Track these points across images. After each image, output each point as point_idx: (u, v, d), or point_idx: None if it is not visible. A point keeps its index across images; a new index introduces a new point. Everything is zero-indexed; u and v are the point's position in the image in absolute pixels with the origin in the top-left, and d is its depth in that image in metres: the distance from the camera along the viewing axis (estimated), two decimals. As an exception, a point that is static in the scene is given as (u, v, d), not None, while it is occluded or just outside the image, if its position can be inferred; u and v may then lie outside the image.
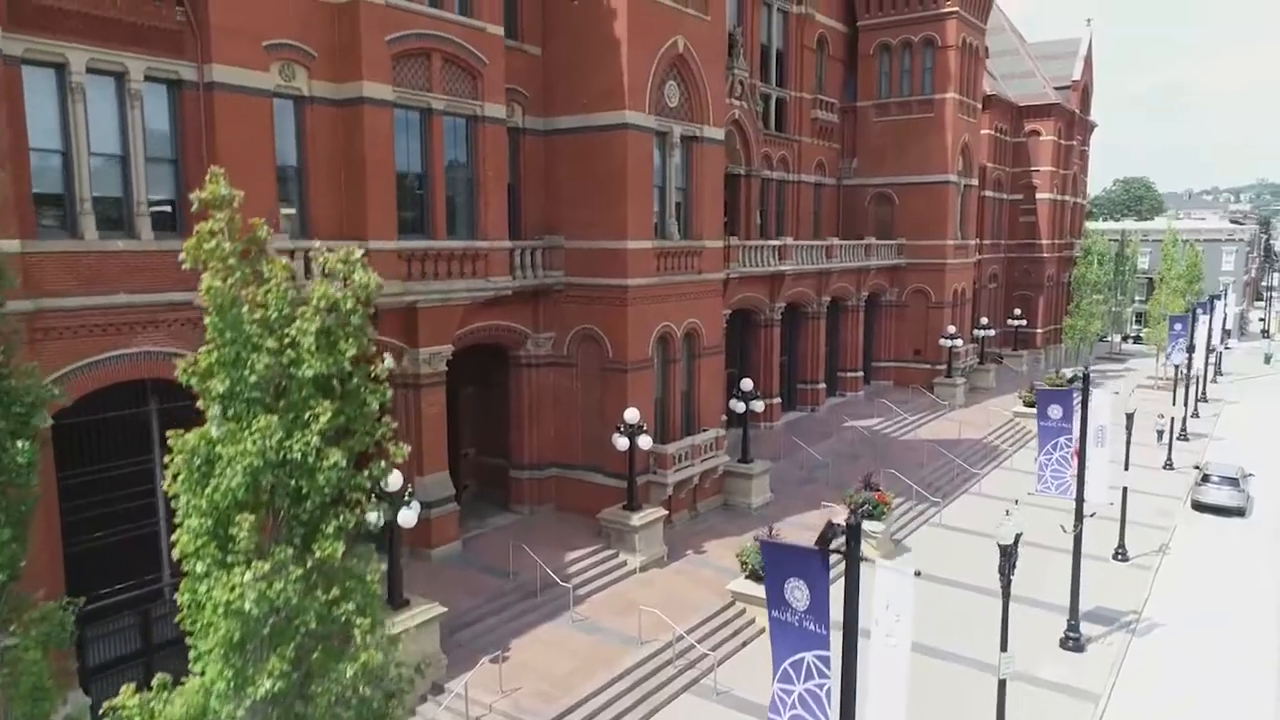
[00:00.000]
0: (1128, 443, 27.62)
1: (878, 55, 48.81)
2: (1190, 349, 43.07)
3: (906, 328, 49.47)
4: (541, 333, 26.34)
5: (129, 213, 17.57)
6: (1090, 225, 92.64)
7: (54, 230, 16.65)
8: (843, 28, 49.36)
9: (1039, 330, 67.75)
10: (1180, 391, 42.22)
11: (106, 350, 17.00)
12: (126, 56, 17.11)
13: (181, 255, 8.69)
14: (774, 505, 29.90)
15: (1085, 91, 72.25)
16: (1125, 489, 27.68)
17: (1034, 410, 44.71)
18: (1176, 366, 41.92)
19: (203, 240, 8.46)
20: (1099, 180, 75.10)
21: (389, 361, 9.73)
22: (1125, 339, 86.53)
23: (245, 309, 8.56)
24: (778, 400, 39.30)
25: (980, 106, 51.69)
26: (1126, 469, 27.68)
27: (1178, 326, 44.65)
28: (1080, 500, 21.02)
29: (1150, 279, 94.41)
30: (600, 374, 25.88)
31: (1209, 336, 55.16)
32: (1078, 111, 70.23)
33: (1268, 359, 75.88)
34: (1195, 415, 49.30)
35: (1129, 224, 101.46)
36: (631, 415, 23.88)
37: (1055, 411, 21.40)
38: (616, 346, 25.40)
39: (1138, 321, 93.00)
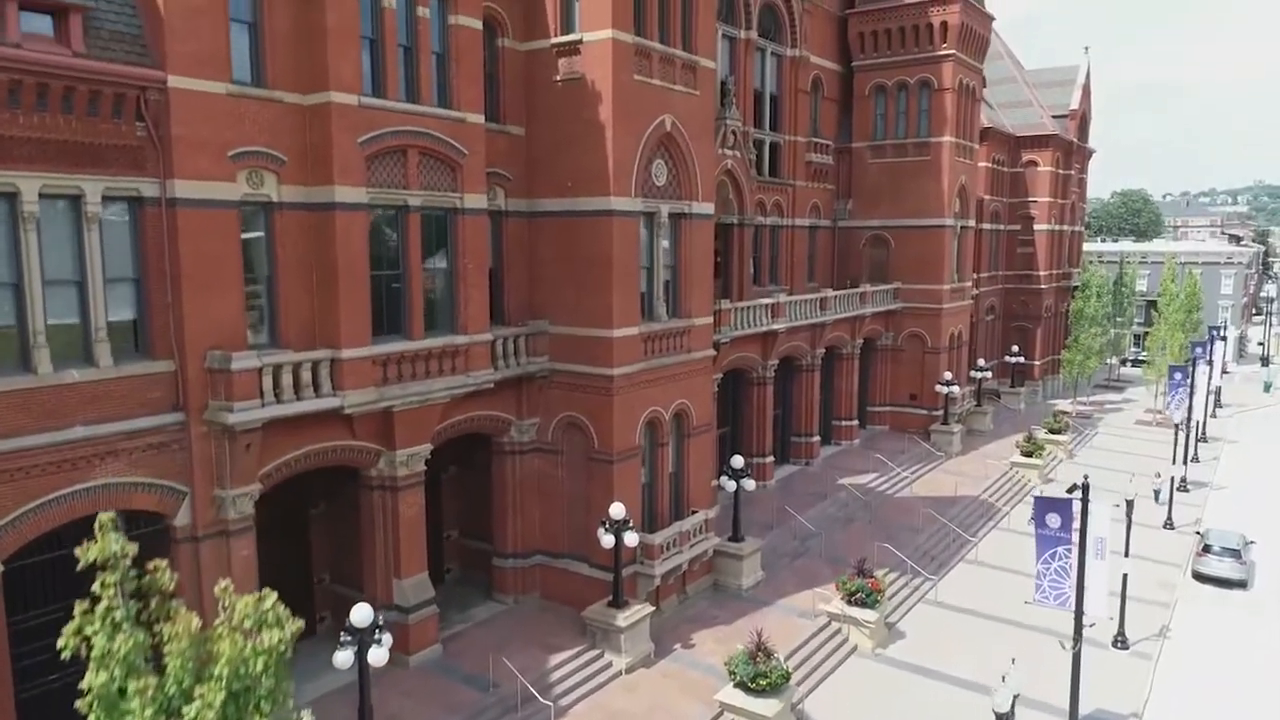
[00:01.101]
0: (1128, 527, 26.84)
1: (873, 96, 48.08)
2: (1190, 404, 42.26)
3: (902, 371, 48.74)
4: (525, 419, 25.59)
5: (87, 339, 16.81)
6: (1088, 247, 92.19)
7: (4, 366, 15.88)
8: (837, 67, 48.64)
9: (1037, 362, 67.06)
10: (1180, 445, 41.38)
11: (61, 488, 16.26)
12: (83, 179, 16.37)
13: (60, 642, 7.65)
14: (765, 585, 29.15)
15: (1083, 120, 71.59)
16: (1125, 575, 26.94)
17: (1031, 460, 44.60)
18: (1176, 425, 41.08)
19: (84, 623, 7.45)
20: (1094, 182, 73.99)
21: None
22: (1124, 362, 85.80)
23: (135, 702, 7.39)
24: (770, 459, 38.56)
25: (977, 146, 50.96)
26: (1127, 555, 26.91)
27: (1177, 376, 43.92)
28: (1079, 615, 20.29)
29: (1149, 301, 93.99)
30: (586, 463, 25.14)
31: (1209, 377, 54.45)
32: (1076, 140, 69.54)
33: (1267, 387, 75.23)
34: (1195, 459, 48.62)
35: (1127, 245, 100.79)
36: (617, 511, 23.14)
37: (1053, 520, 20.67)
38: (602, 436, 24.65)
39: (1136, 344, 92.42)
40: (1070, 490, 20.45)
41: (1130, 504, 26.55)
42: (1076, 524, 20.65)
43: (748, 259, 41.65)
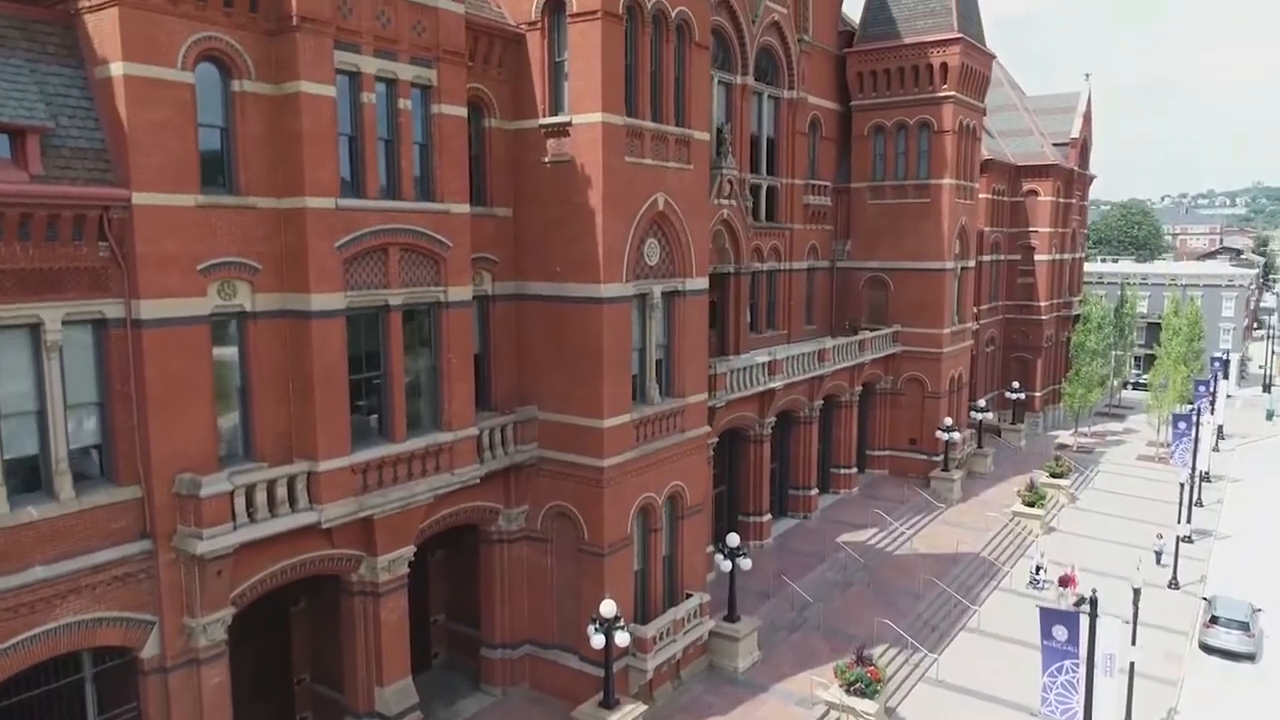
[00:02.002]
0: (1135, 616, 26.04)
1: (872, 137, 47.30)
2: (1195, 456, 41.50)
3: (902, 416, 47.94)
4: (514, 508, 24.79)
5: (47, 472, 15.99)
6: (1088, 267, 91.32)
7: (-43, 510, 15.07)
8: (835, 107, 47.85)
9: (1038, 394, 66.32)
10: (1184, 500, 40.62)
11: (19, 633, 15.44)
12: (41, 307, 15.55)
13: None
14: (762, 665, 28.34)
15: (1084, 147, 70.85)
16: (1132, 664, 26.13)
17: (1033, 511, 43.82)
18: (1181, 484, 40.25)
19: None
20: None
21: None
22: (1125, 385, 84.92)
23: None
24: (767, 518, 37.75)
25: (978, 186, 50.18)
26: (1134, 643, 26.09)
27: (1181, 425, 43.17)
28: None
29: (1150, 323, 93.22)
30: (575, 554, 24.33)
31: (1212, 415, 53.75)
32: (1076, 168, 68.79)
33: (1270, 415, 74.46)
34: (1198, 503, 47.82)
35: (1127, 265, 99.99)
36: (607, 609, 22.32)
37: (1060, 633, 19.90)
38: (593, 528, 23.85)
39: (1137, 365, 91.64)
40: (1078, 604, 19.68)
41: (1137, 593, 25.68)
42: (1084, 634, 19.92)
43: (744, 307, 40.86)
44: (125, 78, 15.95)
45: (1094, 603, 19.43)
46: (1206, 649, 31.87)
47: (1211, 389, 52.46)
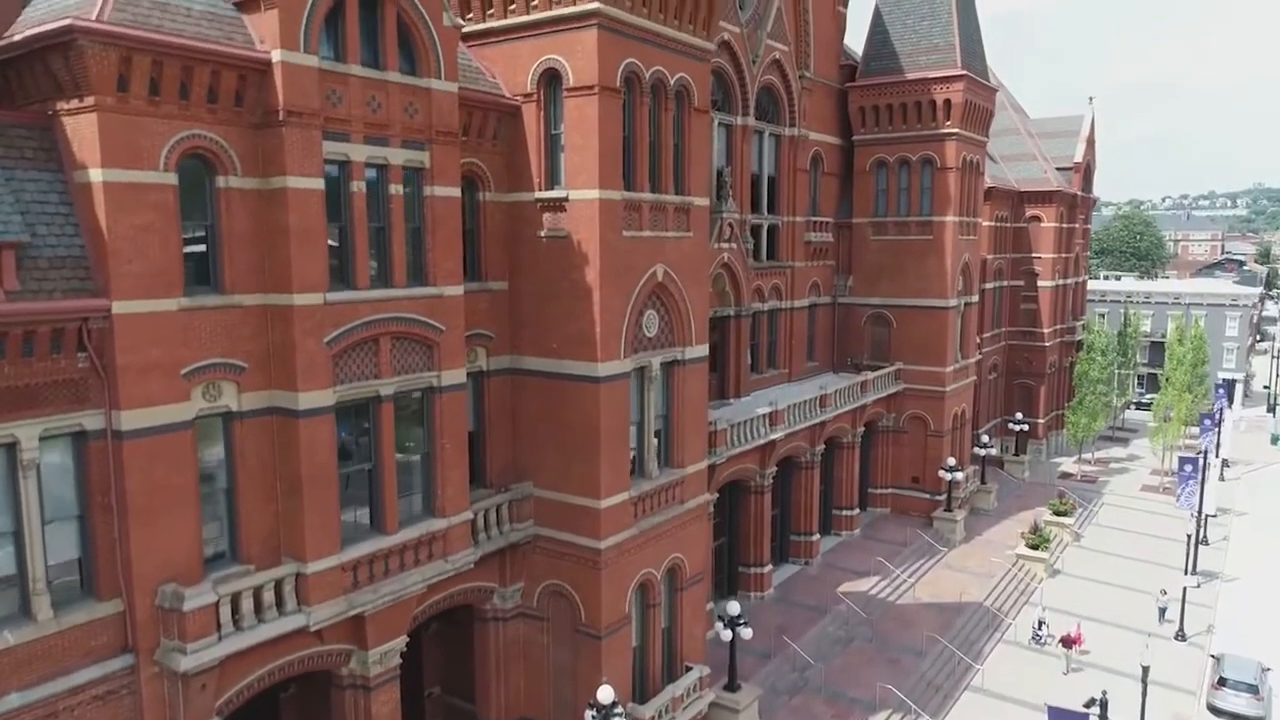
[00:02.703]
0: (1144, 694, 25.50)
1: (874, 172, 46.76)
2: (1200, 502, 40.98)
3: (904, 454, 47.41)
4: (509, 586, 24.25)
5: (24, 593, 15.46)
6: (1092, 285, 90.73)
7: (-71, 642, 14.55)
8: (837, 141, 47.35)
9: (1041, 421, 65.74)
10: (1191, 546, 40.11)
11: (-7, 766, 14.90)
12: (17, 425, 15.00)
13: None
14: (763, 736, 27.87)
15: (1087, 171, 70.23)
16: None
17: (1037, 554, 43.28)
18: (1188, 535, 39.71)
19: None
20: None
21: None
22: (1129, 405, 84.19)
23: None
24: (768, 568, 37.21)
25: (981, 220, 49.62)
26: (1143, 713, 25.58)
27: (1187, 469, 42.63)
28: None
29: (1154, 342, 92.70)
30: (572, 634, 23.79)
31: (1218, 450, 53.24)
32: (1079, 193, 68.22)
33: (1275, 440, 73.86)
34: (1204, 541, 47.28)
35: (1130, 283, 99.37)
36: (605, 695, 21.79)
37: (1070, 734, 19.37)
38: (590, 608, 23.31)
39: (1140, 384, 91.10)
40: (1088, 705, 19.16)
41: (1146, 670, 25.15)
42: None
43: (745, 349, 40.42)
44: (105, 184, 15.41)
45: (1104, 705, 18.89)
46: (1215, 711, 31.35)
47: (1217, 421, 51.88)
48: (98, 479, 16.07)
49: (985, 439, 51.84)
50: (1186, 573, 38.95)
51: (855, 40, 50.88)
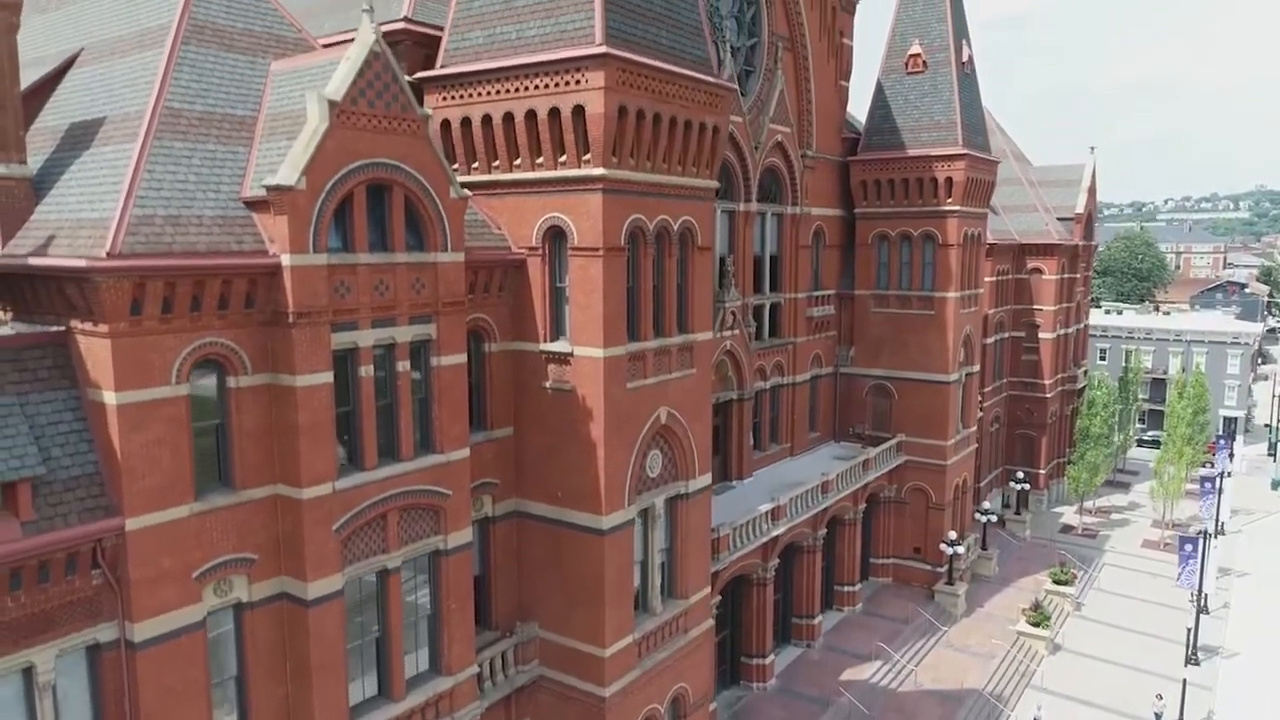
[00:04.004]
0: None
1: (875, 245, 46.97)
2: (1200, 580, 41.22)
3: (906, 524, 47.60)
4: (515, 724, 24.52)
5: (39, 810, 15.69)
6: (1093, 320, 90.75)
7: None
8: (839, 213, 47.60)
9: (1042, 471, 65.90)
10: (1191, 636, 40.29)
11: None
12: (34, 650, 15.26)
13: None
14: None
15: (1089, 219, 70.33)
16: None
17: (1038, 631, 43.50)
18: (1187, 629, 39.87)
19: None
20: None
21: None
22: (1131, 442, 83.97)
23: None
24: (770, 659, 37.40)
25: (982, 292, 49.79)
26: None
27: (1188, 548, 42.82)
28: None
29: (1155, 379, 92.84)
30: (577, 775, 24.07)
31: (1218, 510, 53.48)
32: (1081, 243, 68.34)
33: (1276, 485, 73.94)
34: (1205, 610, 47.45)
35: (1130, 318, 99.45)
36: (610, 843, 22.09)
37: None
38: (594, 752, 23.59)
39: (1142, 421, 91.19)
40: None
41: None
42: None
43: (747, 431, 40.70)
44: (119, 406, 15.66)
45: None
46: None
47: (1218, 486, 52.11)
48: (111, 688, 16.31)
49: (986, 505, 52.01)
50: (1186, 661, 39.10)
51: (858, 106, 51.17)
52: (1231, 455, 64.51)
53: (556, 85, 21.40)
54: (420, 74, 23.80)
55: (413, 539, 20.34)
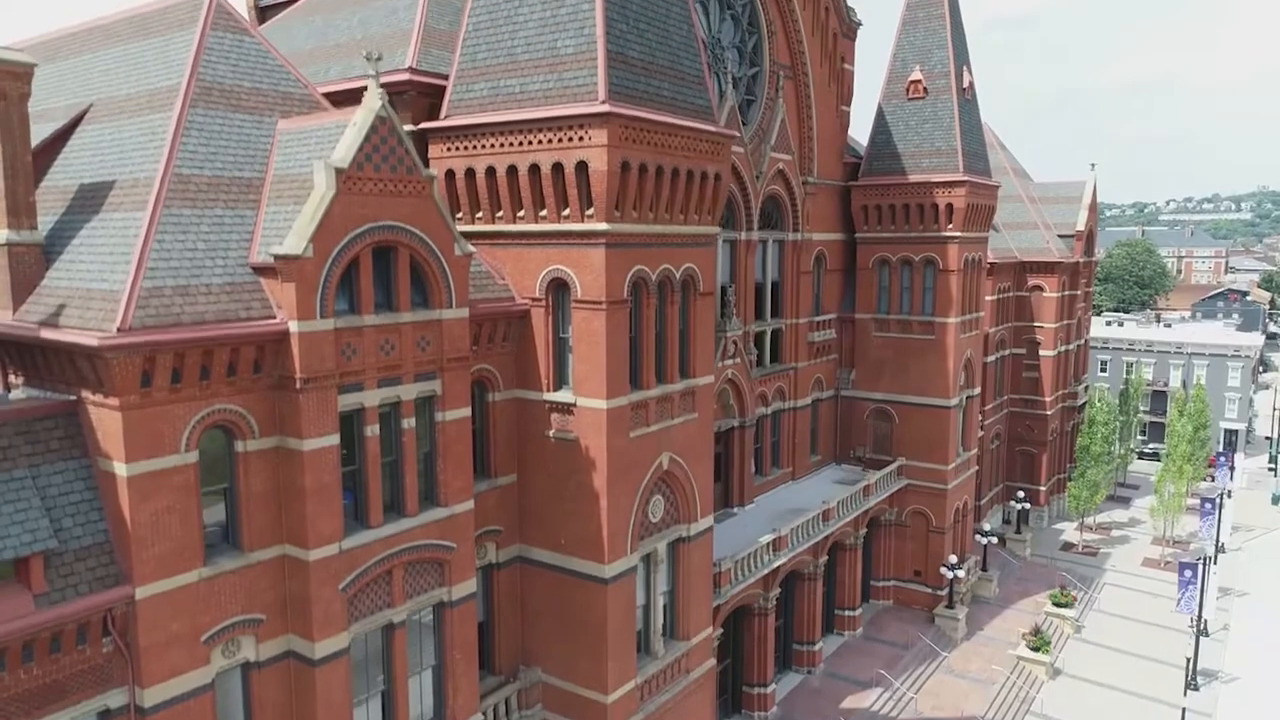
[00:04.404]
0: None
1: (876, 269, 47.18)
2: (1200, 609, 41.40)
3: (907, 547, 47.80)
4: (518, 768, 24.74)
5: None
6: (1094, 332, 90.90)
7: None
8: (841, 236, 47.81)
9: (1043, 488, 66.07)
10: (1190, 665, 40.46)
11: None
12: (46, 720, 15.49)
13: None
14: None
15: (1090, 236, 70.47)
16: None
17: (1038, 656, 43.69)
18: (1187, 659, 40.03)
19: None
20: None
21: None
22: (1132, 455, 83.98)
23: None
24: (771, 688, 37.54)
25: (983, 315, 49.97)
26: None
27: (1187, 574, 43.01)
28: None
29: (1155, 391, 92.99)
30: (580, 818, 24.29)
31: (1218, 534, 53.66)
32: (1082, 259, 68.50)
33: (1276, 500, 74.08)
34: (1205, 632, 47.61)
35: (1131, 329, 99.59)
36: None
37: None
38: (597, 797, 23.80)
39: (1143, 434, 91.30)
40: None
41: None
42: None
43: (749, 457, 40.88)
44: (129, 478, 15.89)
45: None
46: None
47: (1218, 505, 52.29)
48: (121, 752, 16.55)
49: (987, 526, 52.18)
50: (1186, 687, 39.28)
51: (859, 129, 51.43)
52: (1232, 472, 64.60)
53: (560, 140, 21.62)
54: (425, 124, 24.02)
55: (418, 592, 20.57)
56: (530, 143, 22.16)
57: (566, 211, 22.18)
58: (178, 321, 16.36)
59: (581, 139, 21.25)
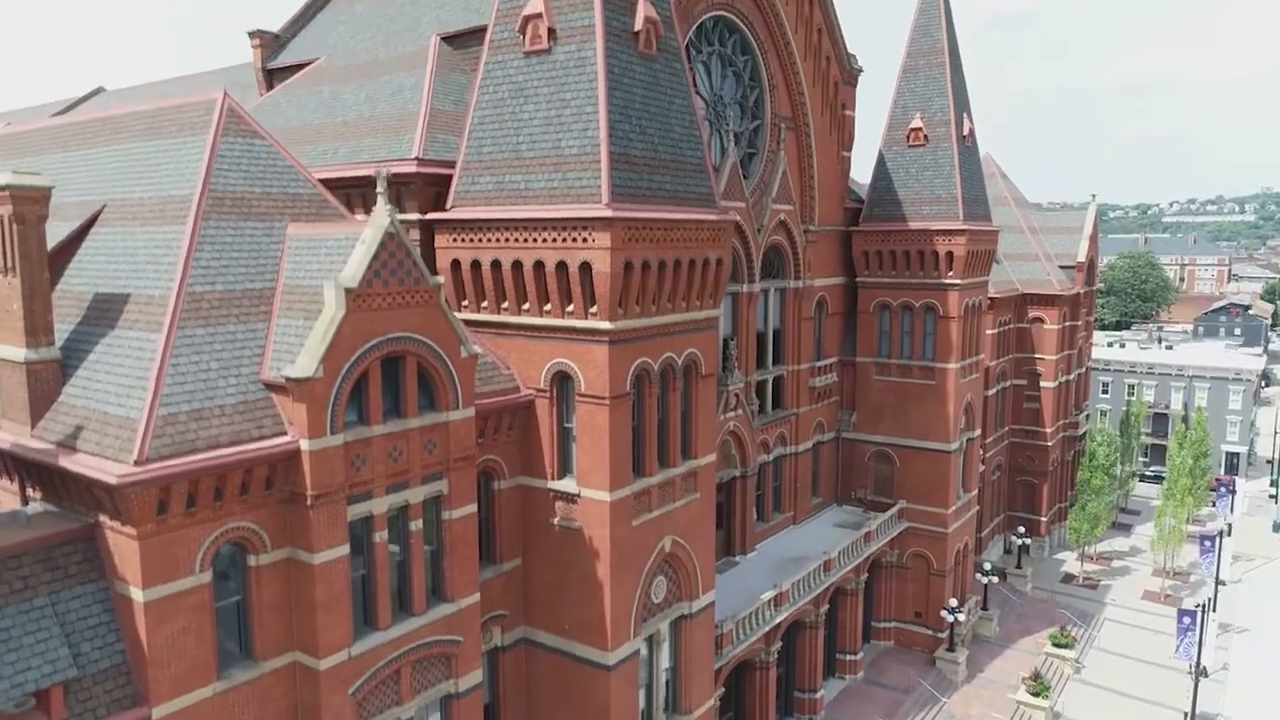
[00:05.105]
0: None
1: (877, 313, 47.55)
2: (1199, 652, 41.75)
3: (908, 588, 48.16)
4: (523, 845, 25.17)
5: None
6: (1095, 354, 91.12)
7: None
8: (842, 280, 48.17)
9: (1043, 518, 66.39)
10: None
11: None
12: (65, 842, 15.92)
13: None
14: None
15: (1090, 266, 70.76)
16: None
17: (1038, 701, 44.04)
18: (1185, 714, 40.34)
19: None
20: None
21: None
22: (1134, 477, 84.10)
23: None
24: (773, 739, 38.02)
25: (983, 357, 50.30)
26: None
27: (1186, 620, 43.34)
28: None
29: (1157, 413, 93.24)
30: None
31: (1217, 573, 53.97)
32: (1083, 290, 68.80)
33: (1277, 528, 74.27)
34: (1204, 674, 47.90)
35: (1133, 352, 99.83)
36: None
37: None
38: None
39: (1145, 456, 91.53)
40: None
41: None
42: None
43: (750, 506, 41.28)
44: (145, 603, 16.32)
45: None
46: None
47: (1217, 545, 52.62)
48: None
49: (988, 566, 52.51)
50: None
51: (861, 167, 51.74)
52: (1233, 501, 64.87)
53: (564, 240, 22.03)
54: (431, 215, 24.45)
55: (425, 687, 20.99)
56: (535, 240, 22.57)
57: (570, 308, 22.59)
58: (193, 448, 16.79)
59: (585, 240, 21.67)
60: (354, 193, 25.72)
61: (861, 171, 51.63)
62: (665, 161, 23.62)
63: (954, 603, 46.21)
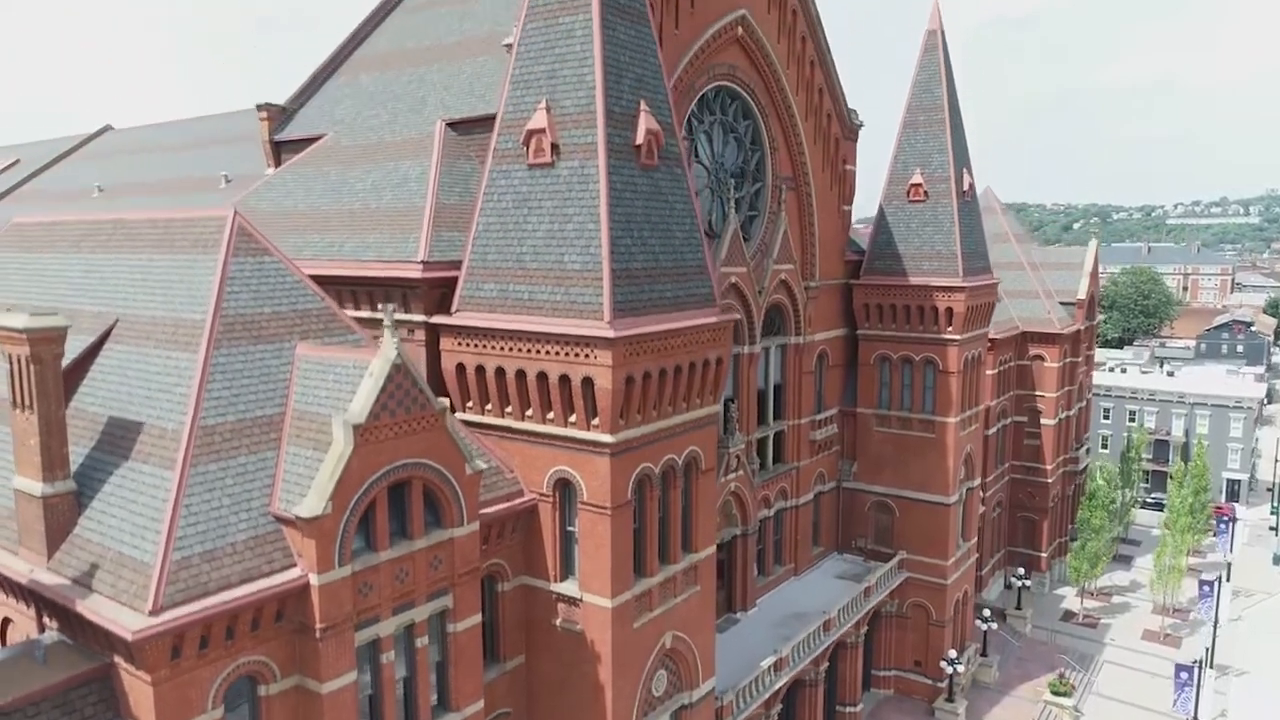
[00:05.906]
0: None
1: (878, 365, 47.96)
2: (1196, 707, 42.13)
3: (907, 637, 48.57)
4: None
5: None
6: (1096, 379, 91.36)
7: None
8: (842, 332, 48.56)
9: (1043, 554, 66.77)
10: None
11: None
12: None
13: None
14: None
15: (1091, 302, 71.07)
16: None
17: (1037, 755, 44.47)
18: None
19: None
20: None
21: None
22: (1137, 503, 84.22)
23: None
24: (773, 802, 38.44)
25: (982, 408, 50.70)
26: None
27: (1184, 676, 43.74)
28: None
29: (1158, 440, 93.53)
30: None
31: (1216, 619, 54.29)
32: (1083, 326, 69.11)
33: (1277, 560, 74.54)
34: (1201, 721, 48.34)
35: (1135, 377, 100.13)
36: None
37: None
38: None
39: (1146, 481, 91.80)
40: None
41: None
42: None
43: (751, 563, 41.72)
44: (160, 749, 16.79)
45: None
46: None
47: (1216, 590, 52.98)
48: None
49: (987, 612, 52.91)
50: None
51: (861, 214, 52.08)
52: (1232, 542, 65.19)
53: (566, 355, 22.48)
54: (437, 319, 24.89)
55: (431, 793, 21.45)
56: (538, 351, 23.02)
57: (573, 418, 23.03)
58: (205, 591, 17.26)
59: (587, 356, 22.11)
60: (360, 291, 26.20)
61: (863, 210, 52.00)
62: (666, 269, 24.06)
63: (953, 653, 46.64)
